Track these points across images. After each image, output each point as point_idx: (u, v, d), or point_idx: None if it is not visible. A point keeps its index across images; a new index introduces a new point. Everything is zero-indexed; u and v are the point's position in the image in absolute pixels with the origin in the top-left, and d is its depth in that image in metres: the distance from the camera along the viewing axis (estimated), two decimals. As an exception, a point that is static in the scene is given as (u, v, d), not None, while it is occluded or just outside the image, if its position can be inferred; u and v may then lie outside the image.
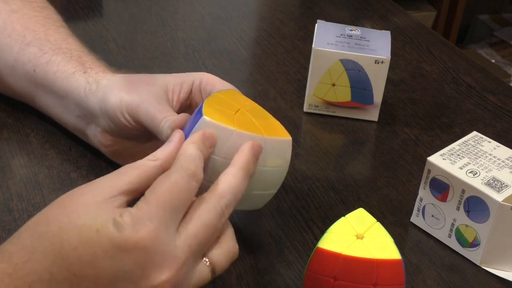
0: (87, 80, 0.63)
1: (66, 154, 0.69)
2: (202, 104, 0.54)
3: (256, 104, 0.58)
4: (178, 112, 0.60)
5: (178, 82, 0.61)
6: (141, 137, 0.62)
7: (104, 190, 0.48)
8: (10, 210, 0.62)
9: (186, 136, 0.52)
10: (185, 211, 0.48)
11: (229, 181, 0.50)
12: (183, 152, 0.49)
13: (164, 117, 0.57)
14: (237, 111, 0.54)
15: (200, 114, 0.52)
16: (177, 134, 0.52)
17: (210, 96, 0.56)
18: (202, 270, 0.49)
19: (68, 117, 0.67)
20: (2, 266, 0.44)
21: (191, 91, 0.61)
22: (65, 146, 0.70)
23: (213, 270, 0.49)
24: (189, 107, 0.62)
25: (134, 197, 0.49)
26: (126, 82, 0.61)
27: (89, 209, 0.47)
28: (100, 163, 0.67)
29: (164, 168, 0.50)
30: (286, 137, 0.55)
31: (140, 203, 0.47)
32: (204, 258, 0.49)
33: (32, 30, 0.69)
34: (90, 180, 0.65)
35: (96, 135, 0.65)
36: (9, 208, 0.62)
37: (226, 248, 0.50)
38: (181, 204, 0.47)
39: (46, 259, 0.45)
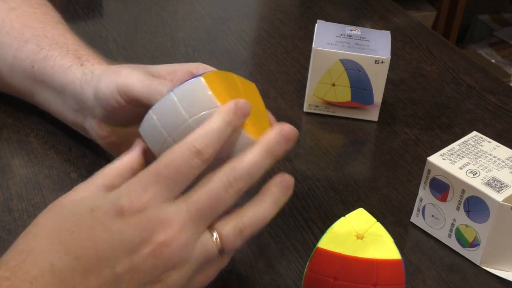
0: (83, 71, 0.63)
1: (66, 154, 0.69)
2: (206, 71, 0.52)
3: (256, 89, 0.57)
4: None
5: (171, 70, 0.61)
6: (135, 122, 0.62)
7: (88, 187, 0.49)
8: (10, 210, 0.62)
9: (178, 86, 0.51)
10: (185, 186, 0.47)
11: (245, 156, 0.48)
12: (202, 127, 0.48)
13: (159, 82, 0.56)
14: (237, 92, 0.53)
15: (199, 75, 0.50)
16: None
17: (218, 71, 0.53)
18: (207, 242, 0.47)
19: (66, 112, 0.67)
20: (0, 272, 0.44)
21: (183, 80, 0.61)
22: (65, 146, 0.70)
23: (221, 246, 0.48)
24: None
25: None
26: (119, 68, 0.61)
27: (78, 201, 0.48)
28: (100, 163, 0.67)
29: (137, 163, 0.51)
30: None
31: (139, 173, 0.48)
32: (212, 232, 0.48)
33: (31, 27, 0.69)
34: (90, 180, 0.65)
35: (93, 127, 0.64)
36: (9, 208, 0.62)
37: (237, 223, 0.48)
38: (179, 177, 0.47)
39: (45, 252, 0.45)
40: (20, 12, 0.71)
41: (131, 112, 0.60)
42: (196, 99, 0.49)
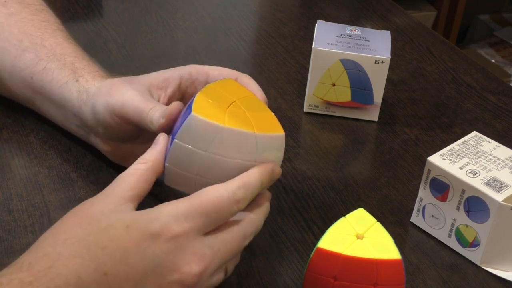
0: (79, 89, 0.63)
1: (66, 154, 0.69)
2: (194, 98, 0.53)
3: (253, 95, 0.57)
4: None
5: (162, 78, 0.61)
6: (140, 137, 0.62)
7: (112, 200, 0.49)
8: (10, 210, 0.62)
9: (177, 130, 0.52)
10: (216, 226, 0.50)
11: (259, 218, 0.53)
12: (243, 177, 0.51)
13: (150, 108, 0.57)
14: (230, 104, 0.53)
15: (190, 109, 0.52)
16: (161, 137, 0.54)
17: (204, 88, 0.55)
18: (221, 274, 0.51)
19: (70, 125, 0.67)
20: (21, 276, 0.43)
21: (179, 85, 0.61)
22: (65, 146, 0.70)
23: (225, 274, 0.52)
24: (184, 100, 0.62)
25: (138, 202, 0.50)
26: (110, 86, 0.61)
27: (109, 214, 0.47)
28: (100, 163, 0.67)
29: (155, 168, 0.52)
30: (279, 132, 0.54)
31: (178, 202, 0.49)
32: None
33: (29, 34, 0.69)
34: (90, 181, 0.66)
35: (98, 143, 0.65)
36: (9, 208, 0.62)
37: (237, 257, 0.54)
38: (217, 218, 0.49)
39: (73, 262, 0.44)
40: (19, 18, 0.70)
41: (133, 129, 0.60)
42: (200, 133, 0.51)
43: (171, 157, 0.53)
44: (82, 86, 0.63)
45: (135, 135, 0.61)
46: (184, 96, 0.62)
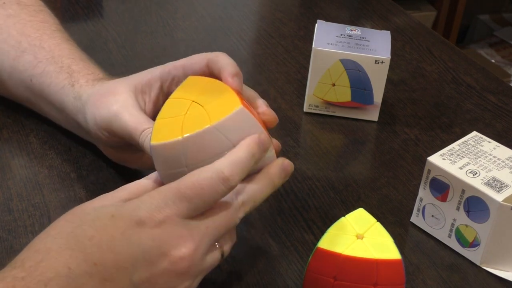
0: (74, 95, 0.63)
1: (66, 154, 0.69)
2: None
3: (213, 80, 0.55)
4: (154, 112, 0.59)
5: (145, 82, 0.60)
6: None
7: (106, 198, 0.50)
8: (10, 210, 0.62)
9: None
10: (204, 209, 0.49)
11: (251, 184, 0.52)
12: (230, 154, 0.50)
13: (141, 130, 0.56)
14: (188, 108, 0.52)
15: None
16: None
17: (165, 102, 0.54)
18: (215, 253, 0.50)
19: (70, 127, 0.67)
20: (14, 272, 0.44)
21: (161, 87, 0.60)
22: (65, 146, 0.70)
23: (222, 254, 0.51)
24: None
25: None
26: (98, 97, 0.60)
27: (98, 208, 0.48)
28: (100, 163, 0.67)
29: (159, 184, 0.51)
30: (235, 108, 0.51)
31: (162, 188, 0.48)
32: (216, 243, 0.51)
33: (27, 35, 0.69)
34: (90, 180, 0.66)
35: (98, 145, 0.66)
36: (9, 208, 0.62)
37: (232, 234, 0.52)
38: (203, 200, 0.48)
39: (63, 255, 0.45)
40: (18, 19, 0.70)
41: (127, 142, 0.60)
42: (170, 157, 0.51)
43: (165, 180, 0.52)
44: (77, 92, 0.63)
45: (129, 144, 0.61)
46: (168, 96, 0.60)
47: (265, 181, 0.52)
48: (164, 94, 0.61)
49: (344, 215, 0.53)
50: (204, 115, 0.51)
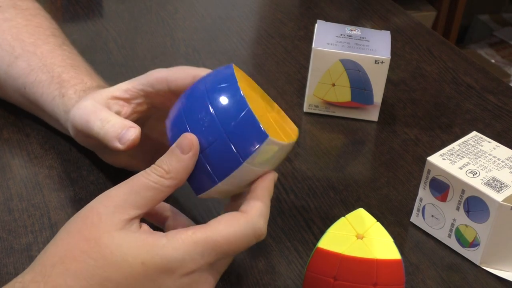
0: (64, 108, 0.63)
1: (67, 155, 0.69)
2: (240, 95, 0.49)
3: (262, 92, 0.56)
4: (138, 121, 0.59)
5: (123, 90, 0.59)
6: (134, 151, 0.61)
7: (121, 212, 0.47)
8: (10, 210, 0.62)
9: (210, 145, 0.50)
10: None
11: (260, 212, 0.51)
12: (261, 207, 0.50)
13: (98, 118, 0.56)
14: (265, 111, 0.53)
15: (206, 106, 0.49)
16: (192, 153, 0.49)
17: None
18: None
19: (68, 134, 0.67)
20: None
21: (145, 97, 0.59)
22: (66, 147, 0.70)
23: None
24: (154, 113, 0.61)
25: (145, 214, 0.50)
26: (73, 118, 0.61)
27: (119, 243, 0.46)
28: (100, 163, 0.67)
29: (178, 186, 0.49)
30: (293, 139, 0.53)
31: (195, 235, 0.47)
32: None
33: (22, 40, 0.68)
34: (90, 180, 0.66)
35: (98, 154, 0.66)
36: (9, 208, 0.62)
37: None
38: (232, 252, 0.49)
39: None
40: (13, 24, 0.70)
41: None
42: (274, 153, 0.51)
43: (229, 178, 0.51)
44: (65, 104, 0.63)
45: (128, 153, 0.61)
46: (152, 107, 0.60)
47: (268, 197, 0.52)
48: (148, 104, 0.60)
49: (344, 215, 0.53)
50: (278, 129, 0.52)
